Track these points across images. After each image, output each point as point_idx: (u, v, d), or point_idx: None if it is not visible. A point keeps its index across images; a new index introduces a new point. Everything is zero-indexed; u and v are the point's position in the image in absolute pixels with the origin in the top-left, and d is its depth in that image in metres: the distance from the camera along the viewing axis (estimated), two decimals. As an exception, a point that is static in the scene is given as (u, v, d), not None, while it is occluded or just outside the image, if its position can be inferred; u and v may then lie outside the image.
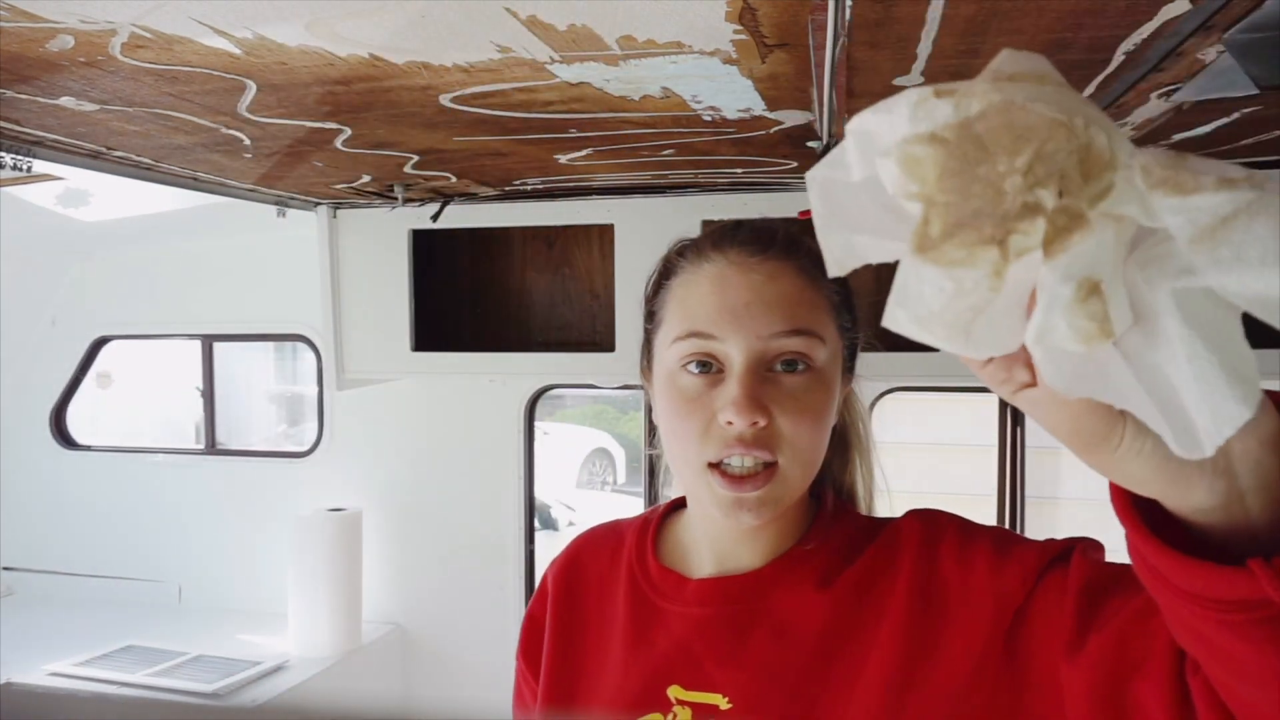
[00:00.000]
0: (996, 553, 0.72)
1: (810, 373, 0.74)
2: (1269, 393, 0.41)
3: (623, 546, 0.88)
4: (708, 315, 0.75)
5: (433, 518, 2.87)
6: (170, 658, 2.55)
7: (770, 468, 0.73)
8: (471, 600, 2.84)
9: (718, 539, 0.81)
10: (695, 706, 0.76)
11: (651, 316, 0.83)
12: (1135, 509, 0.45)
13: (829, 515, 0.83)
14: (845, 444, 0.90)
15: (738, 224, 0.81)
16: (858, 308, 0.86)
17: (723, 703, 0.75)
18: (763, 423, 0.72)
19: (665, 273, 0.82)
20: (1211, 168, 0.33)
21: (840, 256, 0.38)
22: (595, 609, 0.86)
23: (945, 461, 4.70)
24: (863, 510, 0.90)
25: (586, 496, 6.08)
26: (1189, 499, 0.42)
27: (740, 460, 0.72)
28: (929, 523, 0.78)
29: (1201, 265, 0.32)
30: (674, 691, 0.77)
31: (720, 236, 0.79)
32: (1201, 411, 0.34)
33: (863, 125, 0.36)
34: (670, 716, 0.77)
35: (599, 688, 0.82)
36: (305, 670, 2.54)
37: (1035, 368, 0.37)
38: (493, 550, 2.79)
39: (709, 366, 0.75)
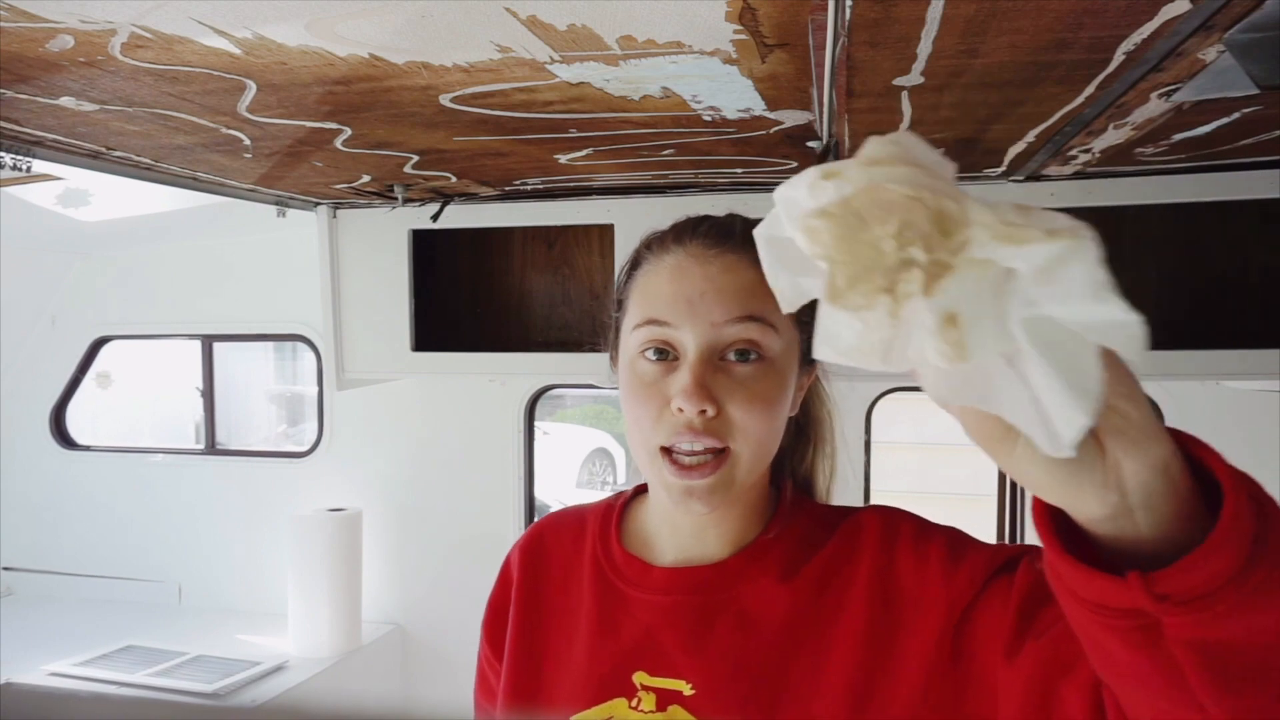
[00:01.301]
0: (950, 553, 0.74)
1: (762, 362, 0.76)
2: (1173, 431, 0.47)
3: (585, 532, 0.89)
4: (664, 303, 0.77)
5: (433, 518, 2.87)
6: (170, 658, 2.55)
7: (721, 454, 0.75)
8: (471, 600, 2.81)
9: (680, 525, 0.83)
10: (659, 692, 0.78)
11: (619, 305, 0.86)
12: (1051, 521, 0.49)
13: (789, 506, 0.84)
14: (808, 436, 0.92)
15: (701, 219, 0.83)
16: None
17: (686, 688, 0.77)
18: (711, 411, 0.73)
19: (634, 264, 0.84)
20: (1042, 220, 0.40)
21: (790, 296, 0.47)
22: (559, 593, 0.87)
23: (945, 461, 4.70)
24: (821, 500, 0.92)
25: (586, 496, 6.07)
26: (1083, 507, 0.46)
27: (690, 445, 0.74)
28: (887, 520, 0.80)
29: (1041, 298, 0.40)
30: (639, 677, 0.79)
31: (682, 230, 0.82)
32: (1057, 417, 0.41)
33: (784, 194, 0.44)
34: (635, 701, 0.78)
35: (565, 672, 0.83)
36: (305, 670, 2.54)
37: (921, 382, 0.44)
38: (493, 550, 2.76)
39: (665, 354, 0.77)
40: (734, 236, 0.79)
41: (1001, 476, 2.81)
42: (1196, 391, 2.32)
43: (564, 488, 5.97)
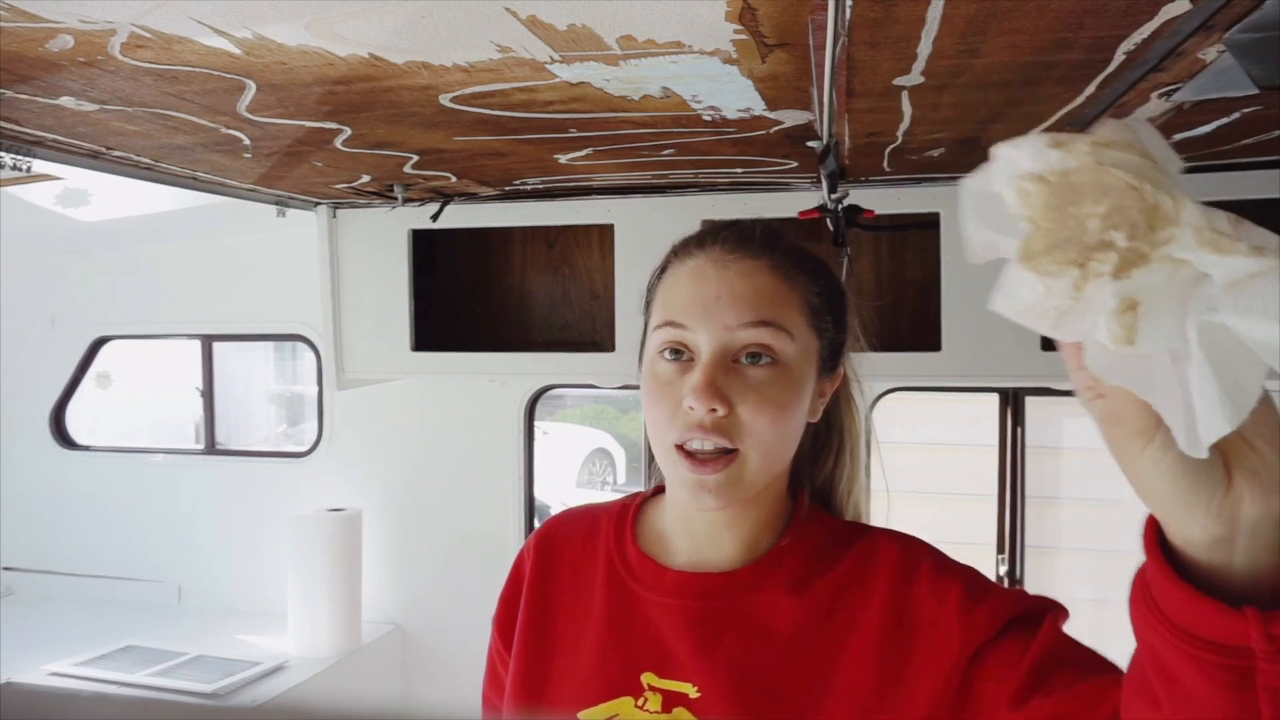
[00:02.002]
0: (969, 592, 0.75)
1: (775, 366, 0.77)
2: None
3: (598, 531, 0.90)
4: (682, 306, 0.79)
5: (432, 518, 2.87)
6: (170, 658, 2.55)
7: (730, 454, 0.76)
8: (471, 600, 2.82)
9: (694, 527, 0.83)
10: (666, 694, 0.79)
11: (646, 308, 0.87)
12: (1159, 540, 0.49)
13: (804, 516, 0.85)
14: (829, 444, 0.92)
15: (725, 224, 0.85)
16: (857, 309, 0.88)
17: (692, 691, 0.78)
18: (722, 411, 0.75)
19: (662, 268, 0.86)
20: (1253, 235, 0.42)
21: (981, 251, 0.48)
22: (569, 590, 0.88)
23: (945, 461, 4.69)
24: (847, 514, 0.91)
25: (586, 496, 6.07)
26: (1187, 528, 0.46)
27: (700, 444, 0.76)
28: (906, 549, 0.80)
29: (1225, 306, 0.42)
30: (647, 678, 0.80)
31: (705, 235, 0.84)
32: (1201, 418, 0.42)
33: (1003, 152, 0.46)
34: (641, 701, 0.79)
35: (573, 668, 0.84)
36: (305, 670, 2.54)
37: (1084, 354, 0.45)
38: (493, 550, 2.78)
39: (681, 354, 0.79)
40: (754, 242, 0.81)
41: (1001, 477, 2.81)
42: (1196, 391, 2.31)
43: (564, 488, 5.97)
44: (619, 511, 0.91)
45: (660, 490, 0.90)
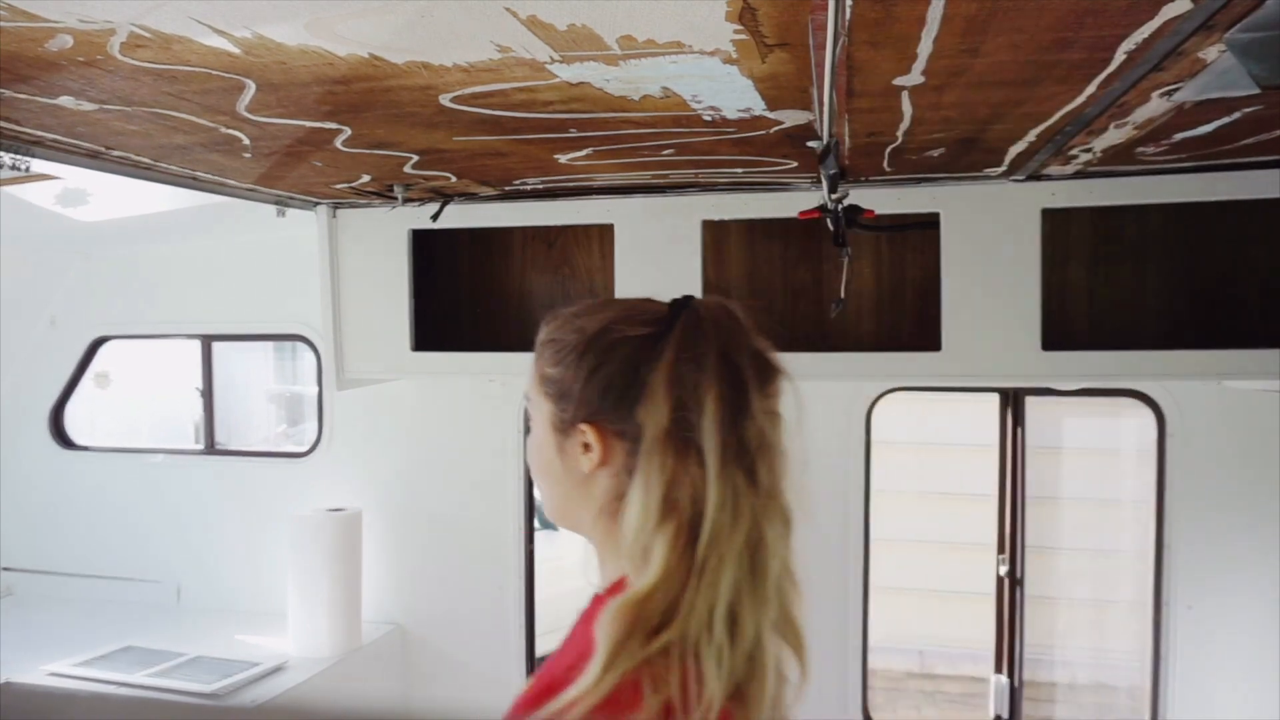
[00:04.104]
0: None
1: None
2: None
3: None
4: None
5: (432, 518, 2.87)
6: (169, 658, 2.55)
7: None
8: (471, 600, 2.83)
9: None
10: None
11: None
12: None
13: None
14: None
15: None
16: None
17: None
18: None
19: None
20: None
21: None
22: None
23: (945, 461, 4.70)
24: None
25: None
26: None
27: None
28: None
29: None
30: None
31: None
32: None
33: None
34: None
35: None
36: (305, 670, 2.54)
37: None
38: (492, 550, 2.79)
39: None
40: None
41: (1001, 477, 2.81)
42: (1196, 391, 2.32)
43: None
44: None
45: None
